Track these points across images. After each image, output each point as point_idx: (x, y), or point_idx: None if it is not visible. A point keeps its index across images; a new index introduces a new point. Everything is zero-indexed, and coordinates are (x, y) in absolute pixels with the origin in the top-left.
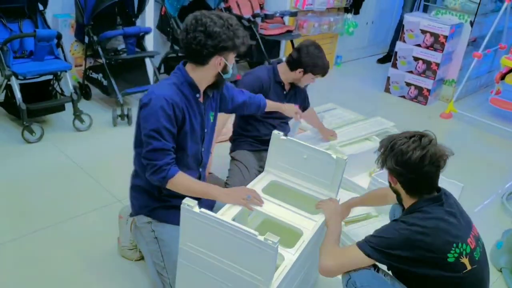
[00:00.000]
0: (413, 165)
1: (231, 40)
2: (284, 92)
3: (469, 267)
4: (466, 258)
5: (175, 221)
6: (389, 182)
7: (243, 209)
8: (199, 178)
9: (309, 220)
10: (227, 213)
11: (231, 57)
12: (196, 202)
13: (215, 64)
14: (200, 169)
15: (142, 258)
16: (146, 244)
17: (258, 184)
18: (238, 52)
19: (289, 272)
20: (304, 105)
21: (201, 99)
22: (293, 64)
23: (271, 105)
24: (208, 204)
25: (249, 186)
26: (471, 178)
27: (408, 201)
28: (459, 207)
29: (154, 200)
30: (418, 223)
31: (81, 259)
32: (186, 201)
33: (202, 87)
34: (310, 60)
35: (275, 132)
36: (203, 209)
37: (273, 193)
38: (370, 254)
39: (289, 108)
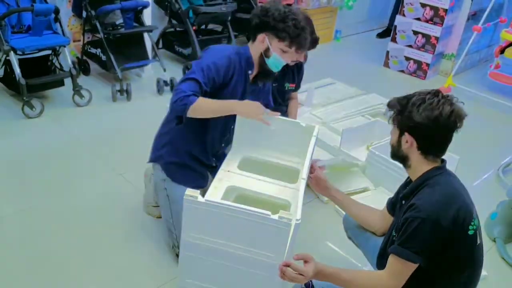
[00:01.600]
0: (442, 120)
1: (281, 22)
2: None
3: (478, 241)
4: (478, 232)
5: (187, 182)
6: (396, 146)
7: (227, 189)
8: (220, 153)
9: (291, 189)
10: (213, 194)
11: (276, 45)
12: (198, 192)
13: (259, 40)
14: (223, 144)
15: None
16: (160, 200)
17: (230, 162)
18: (285, 42)
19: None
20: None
21: (251, 77)
22: None
23: None
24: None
25: (222, 166)
26: (468, 152)
27: (418, 169)
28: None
29: (173, 153)
30: (435, 200)
31: (92, 225)
32: (188, 192)
33: (255, 68)
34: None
35: None
36: (207, 198)
37: (246, 169)
38: (416, 259)
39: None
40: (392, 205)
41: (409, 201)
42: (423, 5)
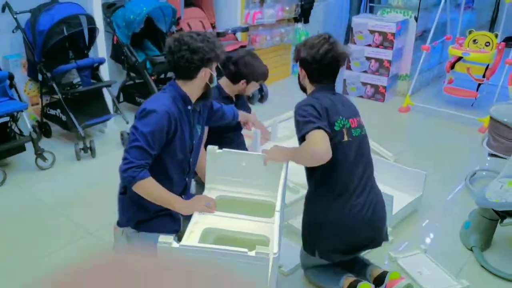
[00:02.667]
0: (319, 56)
1: (213, 51)
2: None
3: (346, 138)
4: (345, 130)
5: (163, 229)
6: (298, 79)
7: (204, 231)
8: (185, 187)
9: (268, 224)
10: (190, 239)
11: (214, 67)
12: (172, 237)
13: (202, 76)
14: (187, 178)
15: None
16: None
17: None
18: (219, 61)
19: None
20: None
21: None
22: (234, 77)
23: (241, 115)
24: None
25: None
26: (435, 166)
27: (310, 90)
28: (346, 100)
29: (141, 212)
30: (318, 97)
31: None
32: (162, 239)
33: (193, 100)
34: (249, 70)
35: (209, 147)
36: (181, 243)
37: (223, 208)
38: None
39: (254, 117)
40: None
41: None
42: (372, 32)
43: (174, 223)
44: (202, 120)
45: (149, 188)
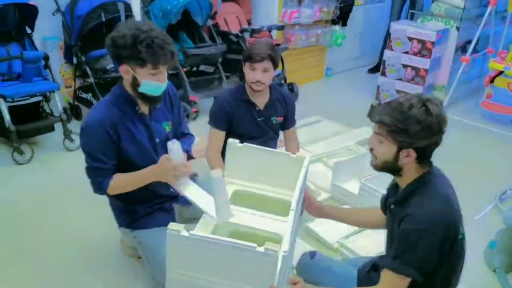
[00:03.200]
0: (436, 127)
1: (128, 49)
2: (257, 109)
3: (464, 248)
4: (464, 236)
5: (155, 223)
6: (391, 161)
7: (217, 224)
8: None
9: (283, 222)
10: (202, 229)
11: (142, 72)
12: (182, 226)
13: (123, 72)
14: None
15: None
16: (137, 249)
17: None
18: (144, 64)
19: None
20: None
21: (145, 111)
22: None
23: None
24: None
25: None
26: (466, 182)
27: (410, 176)
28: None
29: (130, 213)
30: (431, 209)
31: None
32: (171, 226)
33: (138, 102)
34: (245, 50)
35: (230, 140)
36: (192, 231)
37: (238, 202)
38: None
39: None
40: (385, 203)
41: (403, 209)
42: (410, 39)
43: (169, 215)
44: (171, 116)
45: (119, 184)
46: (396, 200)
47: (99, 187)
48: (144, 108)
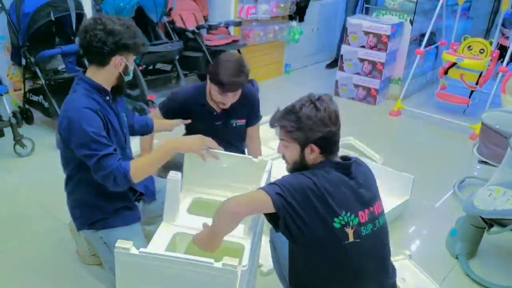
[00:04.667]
0: (326, 120)
1: (132, 38)
2: (215, 114)
3: (351, 239)
4: (352, 229)
5: (120, 223)
6: (299, 160)
7: (173, 238)
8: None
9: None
10: (157, 243)
11: (131, 59)
12: (131, 242)
13: (116, 64)
14: None
15: None
16: (99, 252)
17: (180, 205)
18: (138, 53)
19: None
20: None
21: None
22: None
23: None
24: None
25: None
26: (423, 171)
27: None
28: (367, 178)
29: (95, 212)
30: (320, 175)
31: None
32: (119, 244)
33: (108, 89)
34: (212, 68)
35: None
36: (142, 249)
37: (198, 211)
38: (273, 197)
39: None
40: None
41: None
42: (366, 33)
43: (134, 213)
44: (125, 107)
45: (141, 168)
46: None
47: (119, 171)
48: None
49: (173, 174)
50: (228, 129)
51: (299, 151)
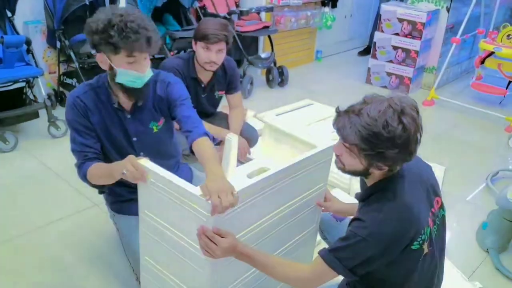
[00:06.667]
0: (413, 145)
1: (100, 34)
2: (202, 86)
3: (426, 251)
4: (427, 242)
5: (131, 211)
6: (362, 172)
7: None
8: None
9: None
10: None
11: (117, 59)
12: (149, 161)
13: (100, 61)
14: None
15: None
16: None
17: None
18: (127, 52)
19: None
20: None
21: (126, 107)
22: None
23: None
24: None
25: None
26: (456, 162)
27: (376, 178)
28: (420, 168)
29: (114, 194)
30: (379, 218)
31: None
32: (142, 162)
33: (119, 95)
34: (198, 27)
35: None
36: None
37: None
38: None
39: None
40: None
41: (361, 207)
42: (401, 20)
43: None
44: (161, 116)
45: (94, 174)
46: (358, 196)
47: (79, 170)
48: (126, 104)
49: (230, 135)
50: (210, 100)
51: (365, 166)
